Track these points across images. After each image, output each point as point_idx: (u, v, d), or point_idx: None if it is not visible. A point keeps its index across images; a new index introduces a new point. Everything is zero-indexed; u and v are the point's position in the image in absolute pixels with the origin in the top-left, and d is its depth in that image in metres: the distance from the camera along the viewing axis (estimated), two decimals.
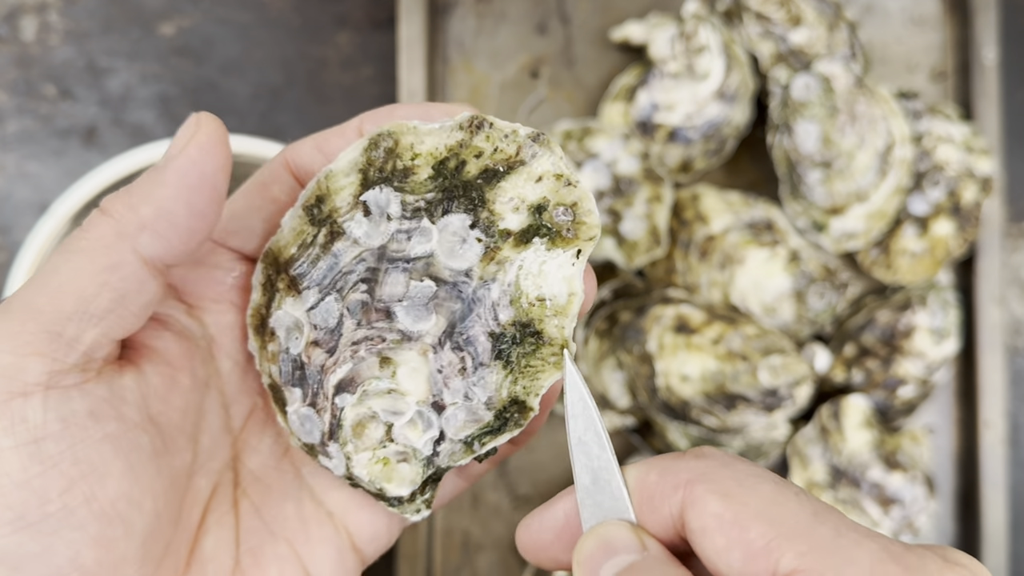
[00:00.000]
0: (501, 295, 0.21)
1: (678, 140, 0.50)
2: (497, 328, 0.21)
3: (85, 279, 0.18)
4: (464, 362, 0.21)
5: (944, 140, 0.49)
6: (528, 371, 0.21)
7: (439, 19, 0.53)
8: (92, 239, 0.19)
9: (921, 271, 0.50)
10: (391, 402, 0.21)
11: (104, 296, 0.18)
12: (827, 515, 0.18)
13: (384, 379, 0.21)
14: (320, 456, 0.23)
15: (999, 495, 0.49)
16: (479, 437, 0.22)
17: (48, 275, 0.18)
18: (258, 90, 0.53)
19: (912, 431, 0.50)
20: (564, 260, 0.21)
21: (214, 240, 0.23)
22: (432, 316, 0.21)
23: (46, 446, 0.17)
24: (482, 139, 0.21)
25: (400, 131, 0.22)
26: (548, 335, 0.21)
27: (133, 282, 0.19)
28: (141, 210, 0.19)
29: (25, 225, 0.53)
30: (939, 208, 0.49)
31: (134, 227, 0.19)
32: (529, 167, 0.21)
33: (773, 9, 0.49)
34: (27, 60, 0.53)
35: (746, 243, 0.49)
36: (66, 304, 0.18)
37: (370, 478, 0.22)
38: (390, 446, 0.22)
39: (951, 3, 0.53)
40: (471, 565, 0.51)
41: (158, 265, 0.19)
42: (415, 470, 0.22)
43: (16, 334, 0.17)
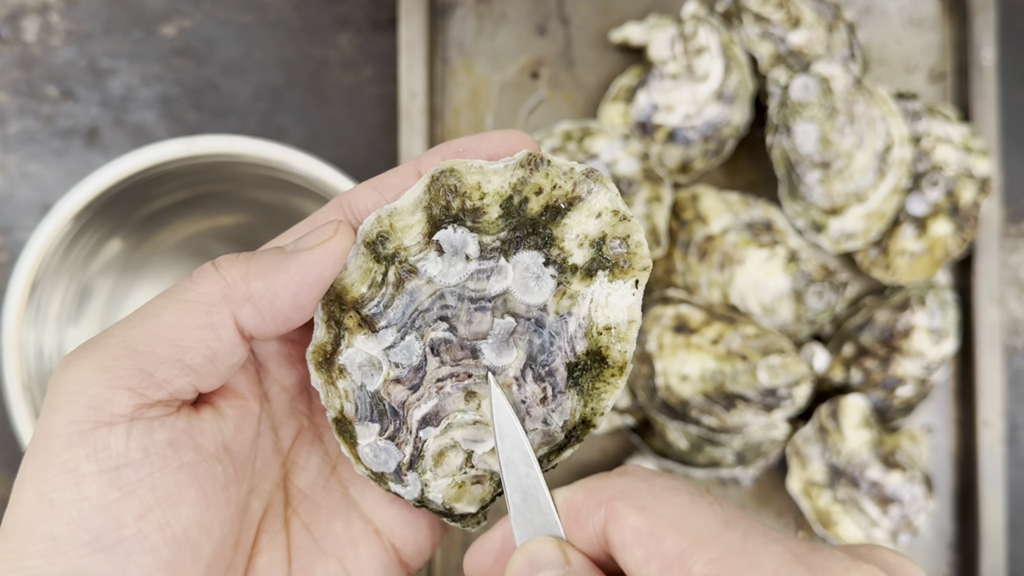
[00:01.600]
0: (577, 328, 0.22)
1: (677, 141, 0.50)
2: (574, 359, 0.22)
3: (184, 331, 0.19)
4: (545, 392, 0.23)
5: (943, 141, 0.49)
6: (595, 394, 0.23)
7: (439, 20, 0.53)
8: (199, 294, 0.20)
9: (920, 271, 0.50)
10: (474, 432, 0.23)
11: (199, 351, 0.19)
12: (737, 522, 0.19)
13: (470, 412, 0.23)
14: (391, 483, 0.24)
15: (997, 494, 0.49)
16: (547, 455, 0.23)
17: (149, 316, 0.19)
18: (259, 91, 0.54)
19: (911, 431, 0.50)
20: (626, 291, 0.22)
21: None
22: (513, 350, 0.22)
23: (126, 473, 0.18)
24: (541, 176, 0.22)
25: (463, 170, 0.23)
26: (612, 359, 0.23)
27: (226, 345, 0.20)
28: (253, 284, 0.20)
29: (26, 225, 0.53)
30: (937, 208, 0.49)
31: (241, 296, 0.20)
32: (588, 203, 0.22)
33: (772, 10, 0.49)
34: (29, 61, 0.53)
35: (745, 243, 0.49)
36: (162, 350, 0.19)
37: (444, 500, 0.23)
38: (469, 472, 0.23)
39: (950, 4, 0.53)
40: None
41: (247, 335, 0.20)
42: (487, 490, 0.23)
43: (109, 368, 0.18)
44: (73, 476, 0.18)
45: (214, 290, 0.20)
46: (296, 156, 0.44)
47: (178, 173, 0.45)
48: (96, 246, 0.47)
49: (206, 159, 0.44)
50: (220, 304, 0.20)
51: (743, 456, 0.48)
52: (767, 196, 0.51)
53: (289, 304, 0.20)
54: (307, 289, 0.21)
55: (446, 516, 0.24)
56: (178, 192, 0.47)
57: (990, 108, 0.50)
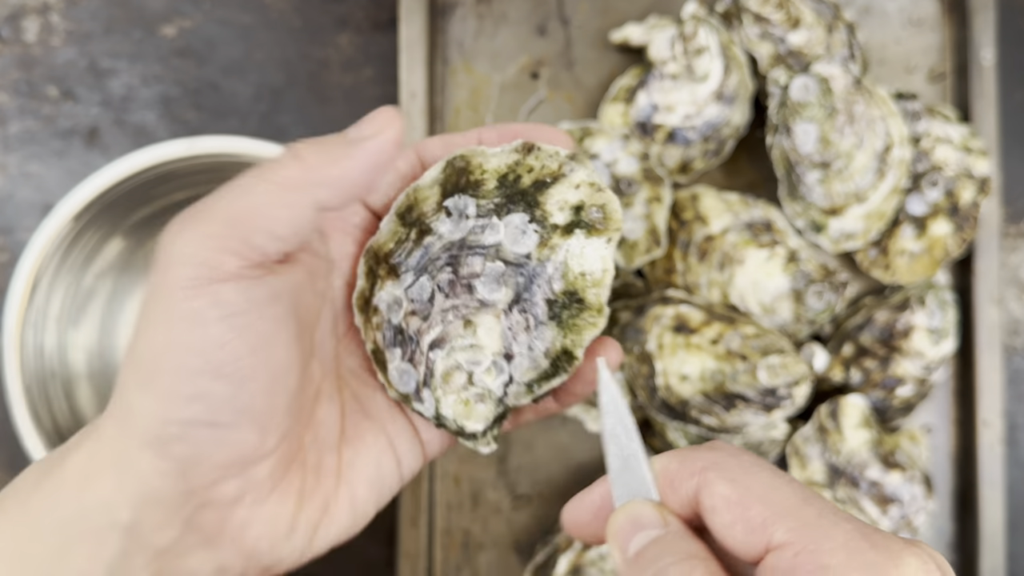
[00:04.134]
0: (554, 271, 0.27)
1: (677, 141, 0.50)
2: (552, 296, 0.27)
3: (273, 207, 0.24)
4: (528, 321, 0.27)
5: (942, 141, 0.49)
6: (574, 328, 0.27)
7: (439, 20, 0.53)
8: (283, 176, 0.24)
9: (920, 271, 0.50)
10: (472, 354, 0.28)
11: (284, 223, 0.24)
12: (814, 500, 0.22)
13: (468, 337, 0.28)
14: (414, 402, 0.29)
15: (997, 494, 0.49)
16: (538, 381, 0.28)
17: (243, 194, 0.24)
18: (259, 91, 0.54)
19: (910, 430, 0.50)
20: (599, 245, 0.27)
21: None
22: (502, 288, 0.27)
23: (238, 320, 0.23)
24: (532, 159, 0.28)
25: (470, 154, 0.28)
26: (588, 301, 0.27)
27: (306, 219, 0.24)
28: (330, 169, 0.24)
29: (27, 226, 0.53)
30: (937, 208, 0.49)
31: (318, 179, 0.24)
32: (569, 178, 0.28)
33: (772, 10, 0.49)
34: (29, 61, 0.53)
35: (745, 243, 0.49)
36: (257, 222, 0.23)
37: (454, 416, 0.28)
38: (471, 389, 0.28)
39: (949, 4, 0.53)
40: (471, 564, 0.52)
41: (324, 208, 0.25)
42: (489, 408, 0.28)
43: (216, 236, 0.23)
44: (198, 320, 0.23)
45: (296, 175, 0.24)
46: None
47: (179, 173, 0.45)
48: (97, 246, 0.47)
49: (207, 159, 0.44)
50: (301, 186, 0.24)
51: None
52: (767, 196, 0.51)
53: (362, 185, 0.25)
54: (377, 172, 0.25)
55: (459, 435, 0.29)
56: (179, 192, 0.47)
57: (989, 108, 0.50)
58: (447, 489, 0.52)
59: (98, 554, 0.24)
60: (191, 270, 0.22)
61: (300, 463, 0.26)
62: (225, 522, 0.25)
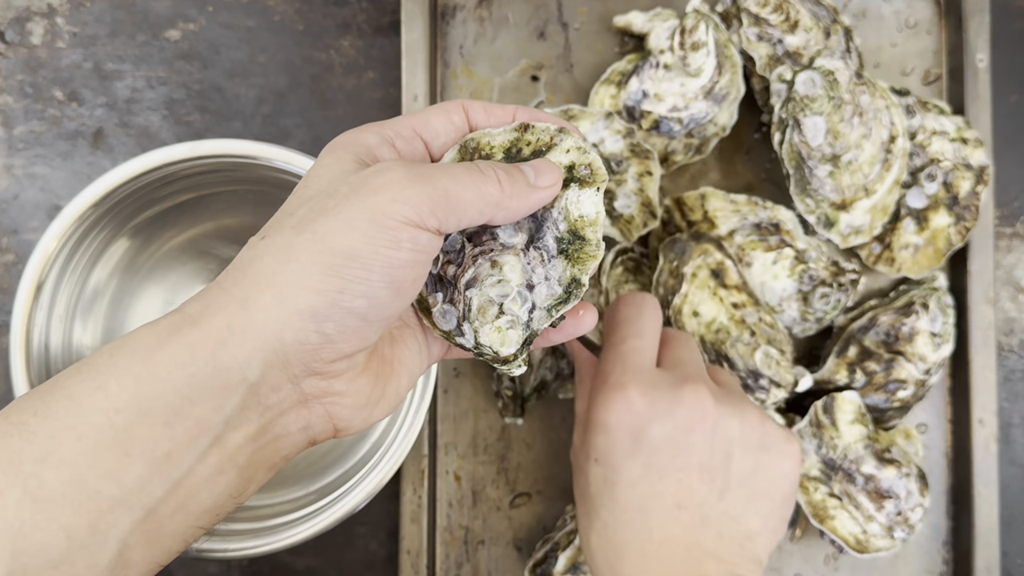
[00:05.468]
0: (558, 215, 0.33)
1: (661, 131, 0.50)
2: (559, 234, 0.33)
3: (472, 207, 0.30)
4: (542, 256, 0.33)
5: (937, 133, 0.50)
6: (579, 260, 0.33)
7: (441, 24, 0.54)
8: (487, 191, 0.31)
9: (925, 263, 0.51)
10: (500, 288, 0.33)
11: (467, 221, 0.31)
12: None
13: (495, 275, 0.33)
14: (456, 337, 0.34)
15: (991, 492, 0.50)
16: (555, 306, 0.34)
17: (460, 186, 0.30)
18: (263, 94, 0.54)
19: (905, 428, 0.51)
20: (590, 194, 0.33)
21: (415, 130, 0.34)
22: (519, 233, 0.34)
23: (418, 257, 0.29)
24: (529, 135, 0.34)
25: (478, 137, 0.34)
26: (588, 238, 0.33)
27: (478, 222, 0.32)
28: (514, 201, 0.32)
29: (32, 227, 0.54)
30: (936, 200, 0.50)
31: (504, 205, 0.31)
32: (560, 146, 0.34)
33: (770, 12, 0.50)
34: (35, 64, 0.54)
35: (752, 246, 0.50)
36: (458, 210, 0.30)
37: (490, 343, 0.34)
38: (502, 318, 0.33)
39: (944, 8, 0.54)
40: (472, 560, 0.52)
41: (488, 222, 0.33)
42: (518, 333, 0.34)
43: (435, 201, 0.29)
44: (396, 244, 0.28)
45: (495, 195, 0.31)
46: (299, 158, 0.44)
47: (183, 175, 0.45)
48: (102, 247, 0.47)
49: (211, 161, 0.45)
50: (492, 204, 0.31)
51: None
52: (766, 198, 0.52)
53: (520, 216, 0.32)
54: (531, 211, 0.33)
55: (496, 362, 0.34)
56: (183, 194, 0.47)
57: (984, 111, 0.51)
58: (448, 487, 0.52)
59: (221, 406, 0.27)
60: (410, 212, 0.28)
61: (378, 353, 0.32)
62: (325, 391, 0.30)
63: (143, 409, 0.27)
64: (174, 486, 0.27)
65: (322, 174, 0.31)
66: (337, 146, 0.32)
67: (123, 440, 0.26)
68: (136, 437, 0.26)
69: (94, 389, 0.27)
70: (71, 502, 0.26)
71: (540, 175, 0.32)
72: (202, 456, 0.28)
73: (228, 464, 0.28)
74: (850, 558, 0.52)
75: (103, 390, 0.27)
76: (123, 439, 0.26)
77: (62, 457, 0.26)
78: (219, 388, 0.27)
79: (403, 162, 0.30)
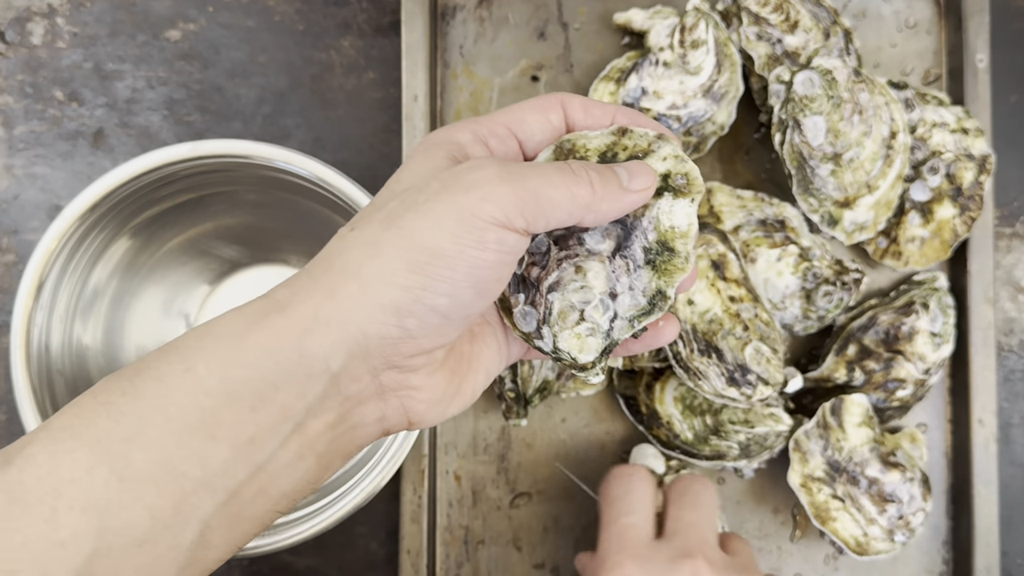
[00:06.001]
0: (648, 224, 0.32)
1: None
2: (647, 244, 0.32)
3: (561, 209, 0.30)
4: (628, 265, 0.33)
5: (938, 126, 0.50)
6: (666, 272, 0.32)
7: (441, 24, 0.54)
8: (578, 193, 0.30)
9: (932, 255, 0.51)
10: (583, 295, 0.33)
11: (556, 222, 0.30)
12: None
13: (579, 280, 0.33)
14: (535, 339, 0.34)
15: (991, 492, 0.50)
16: (637, 317, 0.33)
17: (550, 186, 0.29)
18: (263, 94, 0.54)
19: (911, 431, 0.51)
20: (684, 204, 0.32)
21: (510, 129, 0.33)
22: (606, 240, 0.33)
23: (504, 258, 0.29)
24: (627, 139, 0.33)
25: (575, 138, 0.33)
26: (677, 250, 0.32)
27: (567, 223, 0.31)
28: (604, 204, 0.31)
29: (33, 227, 0.54)
30: (940, 192, 0.50)
31: (595, 208, 0.30)
32: (658, 153, 0.33)
33: (770, 12, 0.50)
34: (35, 64, 0.54)
35: (757, 242, 0.50)
36: (548, 211, 0.29)
37: (568, 349, 0.33)
38: (582, 325, 0.33)
39: (944, 8, 0.54)
40: (472, 560, 0.52)
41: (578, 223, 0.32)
42: (597, 342, 0.33)
43: (524, 202, 0.29)
44: (483, 245, 0.28)
45: (586, 197, 0.30)
46: (299, 158, 0.44)
47: (183, 175, 0.45)
48: (102, 247, 0.47)
49: (211, 161, 0.45)
50: (583, 207, 0.30)
51: (747, 449, 0.49)
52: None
53: (610, 219, 0.31)
54: (623, 213, 0.31)
55: (574, 368, 0.33)
56: (183, 194, 0.47)
57: (984, 111, 0.51)
58: (448, 487, 0.52)
59: (304, 394, 0.28)
60: (498, 212, 0.28)
61: (457, 350, 0.33)
62: (402, 384, 0.30)
63: (230, 393, 0.27)
64: (256, 470, 0.28)
65: (414, 169, 0.31)
66: (430, 143, 0.32)
67: (210, 423, 0.27)
68: (223, 421, 0.27)
69: (182, 371, 0.27)
70: (157, 483, 0.26)
71: (634, 178, 0.32)
72: (284, 442, 0.28)
73: (308, 451, 0.29)
74: (850, 559, 0.52)
75: (191, 372, 0.27)
76: (210, 422, 0.27)
77: (150, 438, 0.26)
78: (303, 376, 0.28)
79: (495, 160, 0.30)
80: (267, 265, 0.54)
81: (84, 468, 0.26)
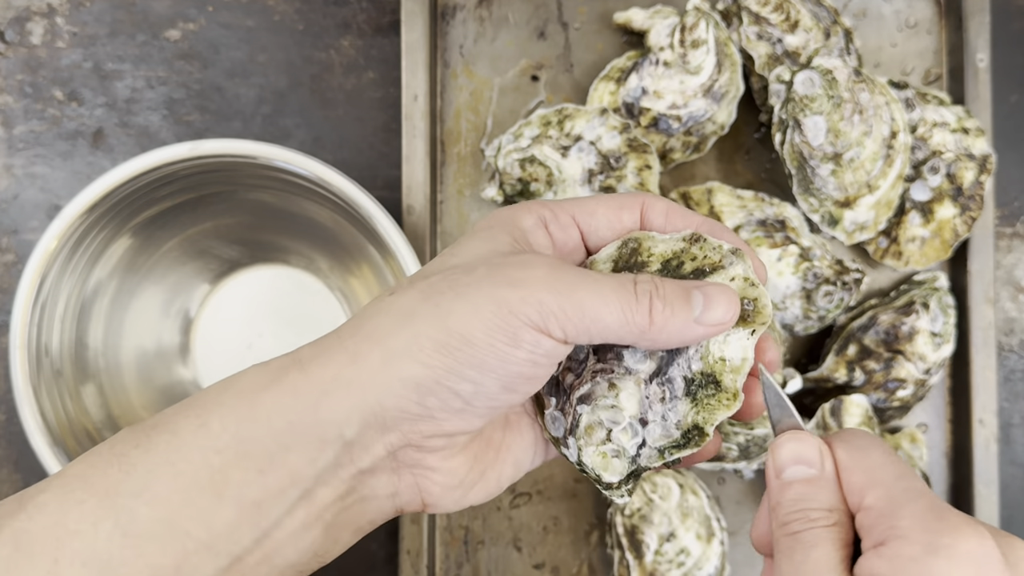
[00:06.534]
0: (695, 352, 0.29)
1: (660, 128, 0.50)
2: (690, 374, 0.29)
3: (608, 328, 0.28)
4: (665, 393, 0.30)
5: (938, 125, 0.50)
6: (708, 407, 0.29)
7: (440, 24, 0.54)
8: (632, 321, 0.28)
9: (932, 255, 0.51)
10: (613, 414, 0.30)
11: (601, 338, 0.28)
12: (907, 478, 0.26)
13: (610, 398, 0.30)
14: (561, 447, 0.32)
15: (992, 492, 0.50)
16: (668, 448, 0.30)
17: (602, 304, 0.27)
18: (263, 93, 0.54)
19: (911, 431, 0.51)
20: (743, 336, 0.29)
21: (574, 218, 0.31)
22: (647, 361, 0.30)
23: (538, 360, 0.28)
24: (697, 248, 0.30)
25: (642, 238, 0.31)
26: (725, 385, 0.29)
27: (611, 339, 0.29)
28: (663, 335, 0.28)
29: (32, 227, 0.54)
30: (941, 192, 0.50)
31: (652, 336, 0.28)
32: (727, 271, 0.29)
33: (770, 11, 0.50)
34: (35, 63, 0.54)
35: (758, 242, 0.50)
36: (592, 328, 0.28)
37: (592, 466, 0.31)
38: (608, 445, 0.30)
39: (945, 8, 0.54)
40: (472, 561, 0.52)
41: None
42: (623, 464, 0.31)
43: (565, 314, 0.27)
44: (516, 343, 0.27)
45: (641, 326, 0.28)
46: (299, 158, 0.44)
47: (183, 175, 0.45)
48: (102, 246, 0.47)
49: (211, 161, 0.45)
50: (636, 334, 0.28)
51: (747, 450, 0.49)
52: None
53: (672, 345, 0.29)
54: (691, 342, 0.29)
55: (599, 484, 0.31)
56: (183, 194, 0.47)
57: (984, 110, 0.51)
58: None
59: (315, 459, 0.27)
60: (537, 316, 0.27)
61: (485, 436, 0.31)
62: (418, 463, 0.29)
63: (240, 452, 0.27)
64: (262, 536, 0.27)
65: (471, 247, 0.30)
66: (495, 222, 0.31)
67: (217, 482, 0.27)
68: (230, 480, 0.27)
69: (197, 427, 0.27)
70: (160, 541, 0.26)
71: (710, 308, 0.28)
72: (291, 509, 0.28)
73: (315, 521, 0.28)
74: None
75: (205, 428, 0.27)
76: (218, 481, 0.27)
77: (157, 493, 0.26)
78: (316, 440, 0.27)
79: (550, 261, 0.28)
80: (267, 265, 0.54)
81: (91, 520, 0.26)
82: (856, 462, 0.27)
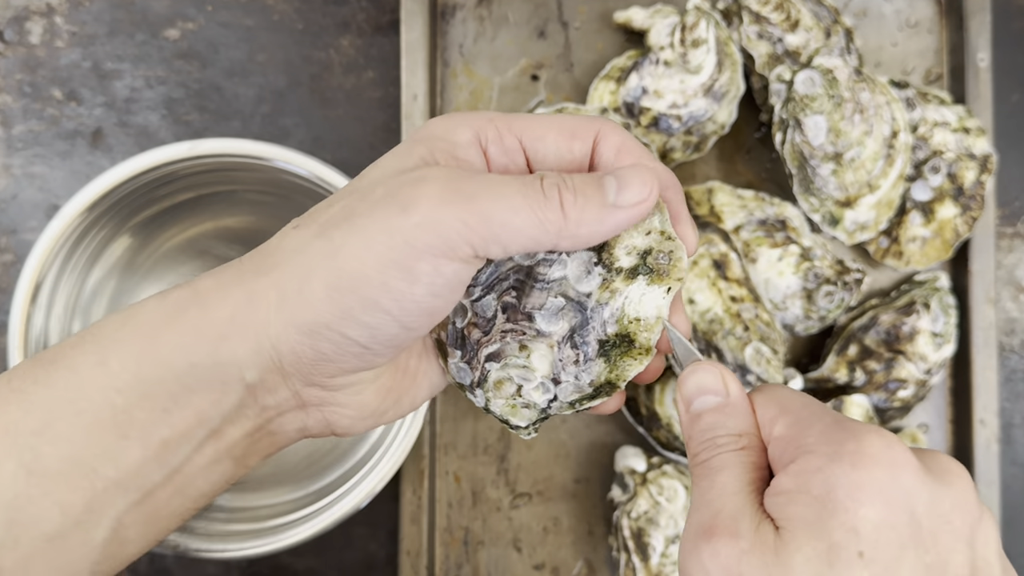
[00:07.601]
0: (610, 316, 0.29)
1: (660, 128, 0.50)
2: (604, 337, 0.29)
3: (520, 234, 0.26)
4: (578, 357, 0.29)
5: (939, 124, 0.50)
6: (620, 364, 0.29)
7: (440, 23, 0.54)
8: (543, 218, 0.26)
9: (933, 255, 0.51)
10: (524, 373, 0.30)
11: (515, 247, 0.27)
12: (813, 404, 0.26)
13: (521, 359, 0.30)
14: (467, 392, 0.31)
15: (993, 492, 0.49)
16: (580, 400, 0.30)
17: (507, 208, 0.26)
18: (262, 93, 0.54)
19: (912, 432, 0.51)
20: (657, 294, 0.29)
21: (521, 142, 0.29)
22: (560, 322, 0.29)
23: (438, 290, 0.26)
24: None
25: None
26: (639, 342, 0.29)
27: (529, 249, 0.27)
28: (581, 228, 0.27)
29: (31, 226, 0.53)
30: (942, 191, 0.50)
31: (568, 234, 0.27)
32: (643, 225, 0.29)
33: (771, 11, 0.50)
34: (34, 63, 0.54)
35: (758, 242, 0.50)
36: (501, 236, 0.26)
37: (501, 414, 0.31)
38: (518, 399, 0.30)
39: (945, 7, 0.54)
40: (472, 561, 0.52)
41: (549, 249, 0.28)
42: (532, 414, 0.31)
43: (470, 227, 0.25)
44: (413, 276, 0.25)
45: (555, 223, 0.26)
46: (298, 158, 0.44)
47: (182, 174, 0.45)
48: (101, 246, 0.47)
49: (210, 161, 0.44)
50: (551, 233, 0.26)
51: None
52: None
53: (595, 242, 0.27)
54: (612, 234, 0.28)
55: (505, 424, 0.31)
56: (182, 193, 0.47)
57: (985, 110, 0.51)
58: (448, 487, 0.52)
59: (219, 401, 0.27)
60: (436, 240, 0.25)
61: (398, 367, 0.30)
62: (325, 401, 0.29)
63: (143, 392, 0.26)
64: (172, 472, 0.27)
65: (381, 164, 0.28)
66: (423, 134, 0.28)
67: (122, 422, 0.26)
68: (135, 420, 0.26)
69: (95, 364, 0.26)
70: (67, 479, 0.26)
71: (625, 189, 0.27)
72: (199, 447, 0.27)
73: (224, 455, 0.28)
74: None
75: (104, 366, 0.26)
76: (122, 421, 0.26)
77: (59, 432, 0.26)
78: (218, 383, 0.27)
79: (446, 173, 0.26)
80: None
81: None
82: (767, 398, 0.27)
